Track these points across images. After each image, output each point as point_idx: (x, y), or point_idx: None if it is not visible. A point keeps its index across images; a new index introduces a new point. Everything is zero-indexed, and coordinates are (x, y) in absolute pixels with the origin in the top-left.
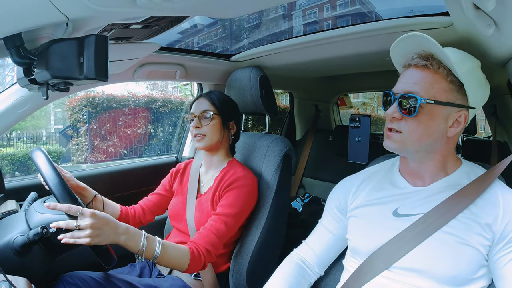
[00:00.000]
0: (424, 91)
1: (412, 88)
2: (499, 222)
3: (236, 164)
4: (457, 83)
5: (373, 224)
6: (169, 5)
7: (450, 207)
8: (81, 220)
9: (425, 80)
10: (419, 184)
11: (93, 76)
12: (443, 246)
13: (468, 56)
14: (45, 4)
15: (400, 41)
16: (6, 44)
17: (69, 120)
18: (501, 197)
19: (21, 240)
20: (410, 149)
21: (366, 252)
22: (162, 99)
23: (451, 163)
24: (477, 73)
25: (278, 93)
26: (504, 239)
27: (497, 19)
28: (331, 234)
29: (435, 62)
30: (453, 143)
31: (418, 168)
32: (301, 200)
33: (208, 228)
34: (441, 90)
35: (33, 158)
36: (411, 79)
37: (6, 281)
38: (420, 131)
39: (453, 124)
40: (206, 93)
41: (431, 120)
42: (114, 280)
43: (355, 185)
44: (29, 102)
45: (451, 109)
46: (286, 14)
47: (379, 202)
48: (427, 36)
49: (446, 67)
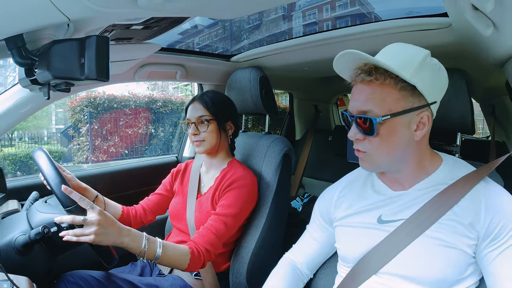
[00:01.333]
0: (377, 107)
1: (365, 106)
2: (481, 220)
3: (237, 164)
4: (409, 87)
5: (358, 233)
6: (170, 6)
7: (433, 211)
8: (89, 215)
9: (375, 95)
10: (399, 188)
11: (94, 77)
12: (427, 250)
13: (412, 52)
14: (46, 5)
15: (338, 59)
16: (8, 44)
17: (70, 120)
18: (482, 194)
19: (23, 239)
20: (383, 165)
21: (353, 259)
22: (163, 99)
23: (429, 162)
24: (427, 67)
25: (278, 94)
26: (488, 237)
27: (495, 20)
28: (316, 241)
29: (380, 74)
30: (425, 143)
31: (397, 176)
32: (301, 200)
33: (207, 228)
34: (394, 101)
35: (35, 158)
36: (362, 96)
37: (8, 280)
38: (385, 147)
39: (417, 127)
40: (199, 96)
41: (393, 134)
42: (115, 279)
43: (336, 195)
44: (31, 103)
45: (411, 115)
46: (286, 15)
47: (363, 210)
48: (359, 52)
49: (393, 74)
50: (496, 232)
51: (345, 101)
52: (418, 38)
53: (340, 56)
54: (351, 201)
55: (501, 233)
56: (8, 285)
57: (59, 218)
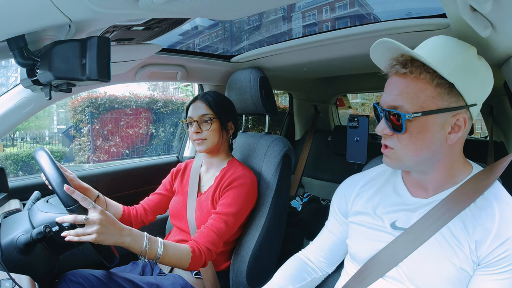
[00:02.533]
0: (409, 102)
1: (396, 101)
2: (488, 243)
3: (236, 164)
4: (446, 85)
5: (371, 234)
6: (171, 7)
7: (436, 219)
8: (91, 214)
9: (409, 89)
10: (421, 195)
11: (95, 77)
12: (428, 261)
13: (457, 46)
14: (48, 6)
15: (374, 48)
16: (10, 45)
17: (72, 121)
18: (497, 213)
19: (25, 238)
20: (409, 164)
21: (362, 259)
22: (164, 99)
23: (459, 170)
24: (470, 65)
25: (277, 94)
26: (485, 262)
27: (493, 20)
28: (335, 236)
29: (416, 67)
30: (459, 149)
31: (422, 180)
32: (301, 199)
33: (208, 227)
34: (428, 98)
35: (36, 158)
36: (394, 90)
37: (9, 279)
38: (414, 145)
39: (452, 130)
40: (202, 95)
41: (423, 133)
42: (116, 278)
43: (357, 188)
44: (32, 103)
45: (446, 115)
46: (285, 16)
47: (379, 211)
48: (395, 42)
49: (430, 69)
50: (497, 260)
51: (344, 101)
52: (416, 39)
53: (377, 44)
54: (370, 196)
55: (501, 263)
56: (10, 284)
57: (61, 218)
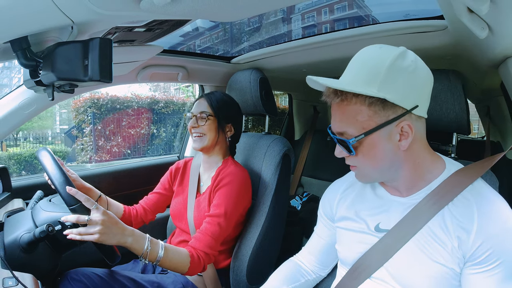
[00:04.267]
0: (351, 127)
1: (340, 128)
2: (470, 241)
3: (229, 162)
4: (378, 102)
5: (356, 238)
6: (172, 9)
7: (420, 219)
8: (93, 215)
9: (346, 115)
10: (398, 194)
11: (97, 78)
12: (412, 261)
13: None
14: (51, 8)
15: (309, 82)
16: (13, 46)
17: (74, 121)
18: (476, 210)
19: (28, 237)
20: (376, 177)
21: (350, 262)
22: (165, 100)
23: (428, 168)
24: (397, 72)
25: (277, 95)
26: (474, 260)
27: (490, 22)
28: (324, 240)
29: (345, 95)
30: (417, 150)
31: (393, 185)
32: (300, 199)
33: (203, 231)
34: (366, 119)
35: (39, 158)
36: (336, 117)
37: (13, 277)
38: (369, 161)
39: (401, 137)
40: (207, 94)
41: (374, 150)
42: (118, 276)
43: (339, 194)
44: (35, 103)
45: (388, 128)
46: (285, 18)
47: (362, 214)
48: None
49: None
50: (484, 258)
51: None
52: (414, 41)
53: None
54: (352, 200)
55: (489, 260)
56: (13, 282)
57: (64, 218)
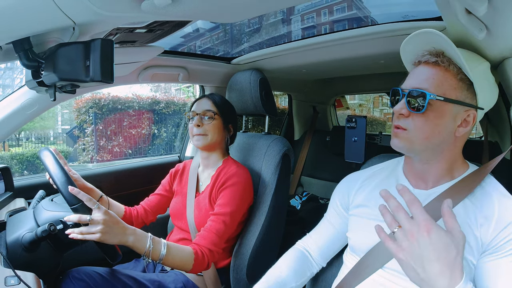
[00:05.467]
0: (433, 87)
1: (422, 84)
2: (491, 229)
3: (231, 162)
4: (466, 82)
5: (371, 225)
6: (173, 10)
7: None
8: (95, 214)
9: (435, 77)
10: (421, 186)
11: (99, 79)
12: None
13: (478, 56)
14: (52, 9)
15: (411, 38)
16: (15, 47)
17: (76, 121)
18: (496, 200)
19: (30, 236)
20: (417, 148)
21: (363, 250)
22: (166, 100)
23: (458, 166)
24: (487, 74)
25: (277, 95)
26: (491, 247)
27: (488, 23)
28: (334, 228)
29: (446, 59)
30: (461, 145)
31: (423, 170)
32: (300, 198)
33: (208, 229)
34: (450, 88)
35: (41, 158)
36: (421, 76)
37: (15, 276)
38: (428, 129)
39: (461, 124)
40: (208, 94)
41: (439, 118)
42: (119, 275)
43: (359, 183)
44: (37, 104)
45: (460, 108)
46: (285, 19)
47: (380, 203)
48: (440, 33)
49: (456, 65)
50: (502, 244)
51: (342, 102)
52: None
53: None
54: (370, 190)
55: (507, 246)
56: (15, 280)
57: (66, 217)
